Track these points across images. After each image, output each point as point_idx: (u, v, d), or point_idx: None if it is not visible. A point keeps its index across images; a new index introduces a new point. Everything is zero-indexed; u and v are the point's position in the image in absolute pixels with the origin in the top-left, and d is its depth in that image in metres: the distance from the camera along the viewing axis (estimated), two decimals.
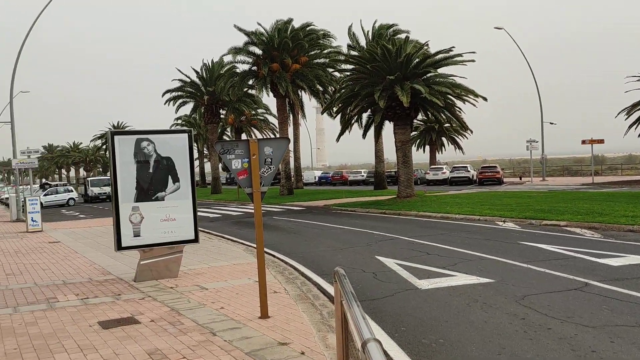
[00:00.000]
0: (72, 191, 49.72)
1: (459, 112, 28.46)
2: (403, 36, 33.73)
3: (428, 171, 51.44)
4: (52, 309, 7.98)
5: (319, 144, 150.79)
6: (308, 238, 15.57)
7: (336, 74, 39.22)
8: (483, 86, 34.69)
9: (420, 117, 34.70)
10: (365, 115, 32.05)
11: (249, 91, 44.07)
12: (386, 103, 26.03)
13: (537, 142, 45.25)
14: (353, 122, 32.03)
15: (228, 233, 17.64)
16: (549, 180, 47.12)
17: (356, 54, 35.58)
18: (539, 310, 6.97)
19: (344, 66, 34.47)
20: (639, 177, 45.02)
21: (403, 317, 7.02)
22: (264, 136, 59.37)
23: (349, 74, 32.18)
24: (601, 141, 41.64)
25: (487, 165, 48.32)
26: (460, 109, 28.36)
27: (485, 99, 27.51)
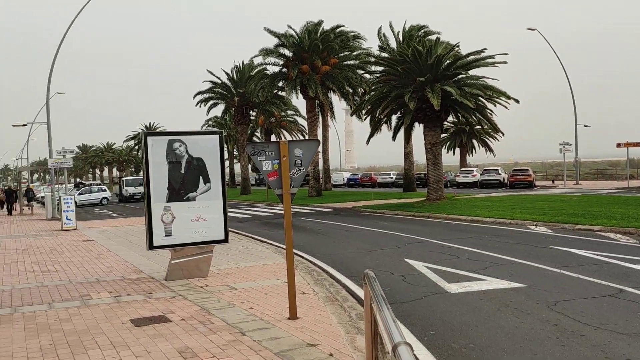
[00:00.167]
0: (105, 190, 50.63)
1: (490, 114, 28.12)
2: (434, 37, 33.48)
3: (458, 173, 50.91)
4: (85, 306, 8.15)
5: (348, 145, 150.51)
6: (336, 240, 15.58)
7: (366, 75, 39.14)
8: (512, 87, 34.15)
9: (450, 119, 34.33)
10: (395, 117, 31.87)
11: (279, 93, 44.22)
12: (416, 105, 25.87)
13: (570, 144, 44.43)
14: (382, 124, 31.94)
15: (257, 234, 17.77)
16: (582, 183, 46.16)
17: (386, 55, 35.45)
18: (572, 317, 6.85)
19: (373, 68, 34.35)
20: None
21: (432, 321, 6.97)
22: (293, 138, 59.59)
23: (378, 75, 32.08)
24: (638, 144, 40.70)
25: (519, 168, 47.55)
26: (492, 110, 28.01)
27: (517, 101, 27.12)
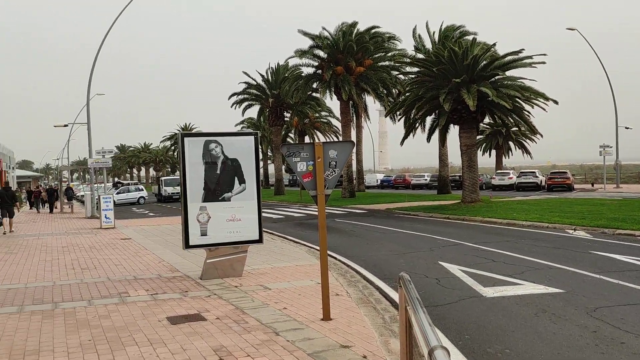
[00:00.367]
0: (142, 190, 51.58)
1: (528, 116, 27.63)
2: (470, 38, 33.06)
3: (494, 176, 50.17)
4: (123, 303, 8.33)
5: (382, 146, 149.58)
6: (370, 241, 15.53)
7: (400, 76, 38.89)
8: (549, 87, 33.37)
9: (486, 120, 33.90)
10: (430, 119, 31.64)
11: (313, 94, 44.35)
12: (451, 106, 25.62)
13: (610, 147, 43.34)
14: (417, 125, 31.72)
15: (291, 234, 17.85)
16: (623, 187, 44.91)
17: (422, 56, 35.18)
18: (612, 323, 6.68)
19: (408, 69, 34.11)
20: None
21: (467, 325, 6.89)
22: (327, 139, 59.65)
23: (413, 76, 31.86)
24: None
25: (557, 171, 46.56)
26: (529, 112, 27.54)
27: (556, 102, 26.60)
